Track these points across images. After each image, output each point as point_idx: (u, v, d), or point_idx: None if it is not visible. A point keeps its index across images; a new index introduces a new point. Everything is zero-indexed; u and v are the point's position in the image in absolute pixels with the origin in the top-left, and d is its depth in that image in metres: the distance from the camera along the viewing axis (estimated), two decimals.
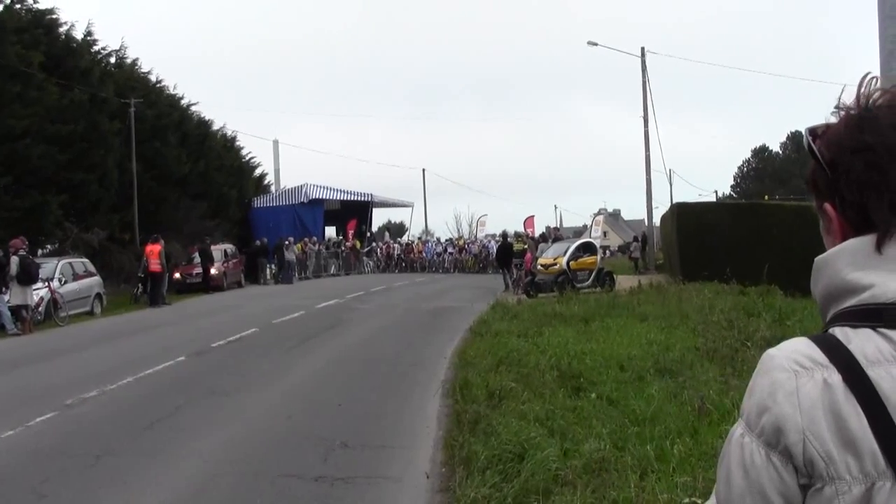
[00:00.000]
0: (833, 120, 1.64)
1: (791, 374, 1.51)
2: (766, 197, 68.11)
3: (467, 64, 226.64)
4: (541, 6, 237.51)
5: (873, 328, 1.51)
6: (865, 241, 1.56)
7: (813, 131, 1.65)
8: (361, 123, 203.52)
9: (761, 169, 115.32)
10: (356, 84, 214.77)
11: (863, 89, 1.62)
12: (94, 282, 31.60)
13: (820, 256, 1.64)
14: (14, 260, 25.08)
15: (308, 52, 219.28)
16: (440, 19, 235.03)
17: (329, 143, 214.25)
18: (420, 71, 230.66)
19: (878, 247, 1.54)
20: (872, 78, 1.65)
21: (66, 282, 28.99)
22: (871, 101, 1.60)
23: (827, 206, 1.64)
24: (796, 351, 1.55)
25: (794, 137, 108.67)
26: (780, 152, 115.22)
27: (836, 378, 1.48)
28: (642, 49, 47.11)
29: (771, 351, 1.59)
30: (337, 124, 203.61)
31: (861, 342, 1.51)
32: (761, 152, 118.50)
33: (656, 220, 53.41)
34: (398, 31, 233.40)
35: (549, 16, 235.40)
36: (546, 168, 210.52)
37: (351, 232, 61.52)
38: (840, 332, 1.54)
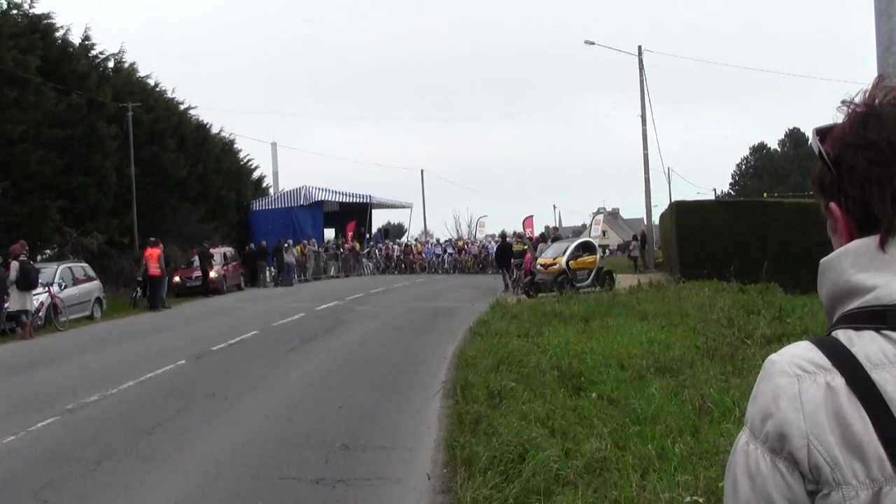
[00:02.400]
0: (840, 117, 1.64)
1: (793, 378, 1.50)
2: (765, 195, 68.18)
3: (463, 64, 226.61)
4: (538, 4, 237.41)
5: (877, 330, 1.50)
6: (870, 242, 1.56)
7: (820, 131, 1.65)
8: (359, 125, 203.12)
9: (760, 167, 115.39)
10: (353, 86, 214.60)
11: (872, 89, 1.62)
12: (94, 286, 31.60)
13: (825, 258, 1.63)
14: (14, 265, 25.07)
15: (303, 55, 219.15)
16: (433, 19, 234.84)
17: (327, 146, 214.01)
18: (415, 72, 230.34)
19: (882, 245, 1.54)
20: (881, 77, 1.65)
21: (65, 286, 28.98)
22: (877, 98, 1.60)
23: (832, 205, 1.64)
24: (798, 355, 1.54)
25: (793, 135, 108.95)
26: (779, 150, 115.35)
27: (839, 381, 1.47)
28: (639, 48, 47.09)
29: (773, 356, 1.58)
30: (335, 126, 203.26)
31: (864, 344, 1.50)
32: (760, 150, 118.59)
33: (655, 219, 53.41)
34: (394, 33, 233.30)
35: (547, 14, 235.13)
36: (545, 168, 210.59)
37: (350, 234, 61.51)
38: (843, 335, 1.53)
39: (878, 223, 1.55)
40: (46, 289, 26.95)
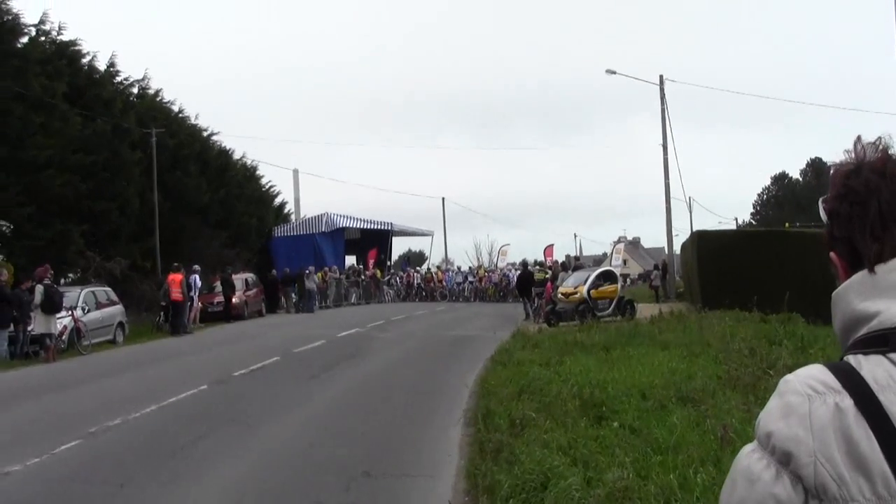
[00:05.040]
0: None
1: (804, 398, 1.59)
2: (787, 224, 67.77)
3: (483, 95, 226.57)
4: (558, 33, 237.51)
5: (883, 353, 1.59)
6: (868, 273, 1.67)
7: (825, 199, 1.80)
8: (380, 153, 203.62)
9: (781, 196, 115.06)
10: (373, 115, 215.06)
11: (858, 150, 1.77)
12: (117, 310, 31.73)
13: (835, 291, 1.74)
14: (39, 289, 25.28)
15: (325, 83, 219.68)
16: (451, 49, 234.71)
17: (348, 173, 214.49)
18: (436, 102, 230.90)
19: (870, 272, 1.66)
20: (859, 138, 1.80)
21: (89, 310, 29.12)
22: (865, 156, 1.75)
23: (832, 253, 1.78)
24: (811, 376, 1.62)
25: (814, 164, 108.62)
26: (800, 179, 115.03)
27: (847, 402, 1.55)
28: (660, 77, 47.11)
29: (787, 376, 1.67)
30: (356, 154, 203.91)
31: (871, 368, 1.58)
32: (781, 179, 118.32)
33: (676, 248, 53.32)
34: (413, 63, 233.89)
35: (568, 45, 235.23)
36: (565, 196, 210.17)
37: (371, 261, 61.56)
38: (853, 359, 1.62)
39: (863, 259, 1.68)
40: (70, 312, 27.09)
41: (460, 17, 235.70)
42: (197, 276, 37.04)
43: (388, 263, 65.90)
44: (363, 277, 57.98)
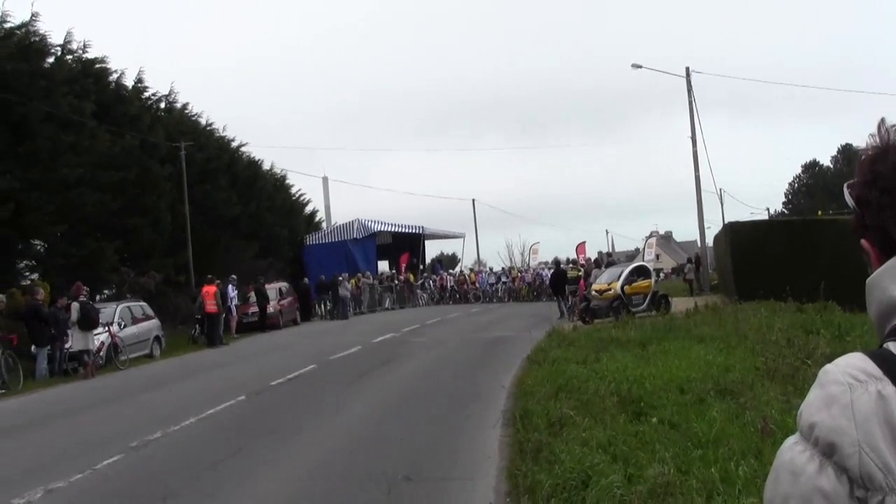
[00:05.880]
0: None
1: (846, 387, 1.55)
2: (820, 212, 67.30)
3: (510, 94, 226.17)
4: (583, 28, 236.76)
5: None
6: None
7: (851, 185, 1.78)
8: (408, 157, 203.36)
9: (812, 184, 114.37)
10: (399, 118, 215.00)
11: (882, 133, 1.74)
12: (153, 325, 31.95)
13: (869, 278, 1.71)
14: (75, 306, 25.51)
15: (352, 90, 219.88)
16: (475, 51, 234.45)
17: (377, 178, 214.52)
18: (462, 103, 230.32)
19: None
20: (883, 121, 1.77)
21: (125, 326, 29.29)
22: (889, 139, 1.72)
23: (863, 241, 1.75)
24: (851, 365, 1.58)
25: (845, 151, 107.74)
26: (831, 167, 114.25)
27: (890, 390, 1.52)
28: (687, 69, 46.70)
29: (827, 366, 1.63)
30: (385, 158, 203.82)
31: None
32: (812, 167, 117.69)
33: (709, 241, 52.95)
34: (439, 66, 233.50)
35: (592, 36, 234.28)
36: (596, 193, 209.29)
37: (404, 265, 61.63)
38: (893, 346, 1.59)
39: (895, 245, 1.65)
40: (107, 328, 27.28)
41: (489, 19, 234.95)
42: (231, 286, 37.26)
43: (421, 267, 65.93)
44: (396, 282, 58.08)
